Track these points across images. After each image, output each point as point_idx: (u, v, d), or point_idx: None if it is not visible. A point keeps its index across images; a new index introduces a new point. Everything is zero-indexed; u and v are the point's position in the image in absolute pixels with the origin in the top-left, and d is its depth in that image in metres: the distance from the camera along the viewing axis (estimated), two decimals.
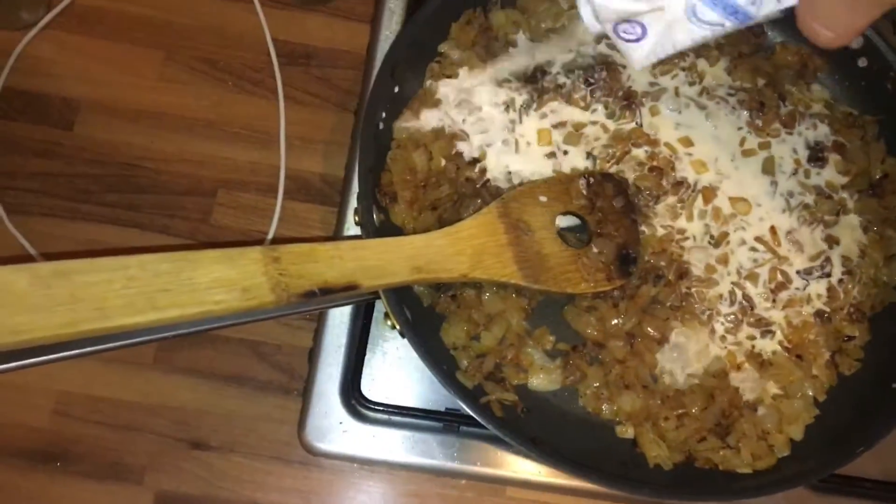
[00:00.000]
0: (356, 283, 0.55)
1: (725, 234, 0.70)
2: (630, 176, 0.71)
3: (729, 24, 0.49)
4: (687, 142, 0.72)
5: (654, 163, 0.71)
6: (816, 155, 0.73)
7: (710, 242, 0.70)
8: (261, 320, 0.58)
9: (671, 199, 0.71)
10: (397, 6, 0.82)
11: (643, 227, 0.70)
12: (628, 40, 0.53)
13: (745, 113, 0.74)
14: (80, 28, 0.83)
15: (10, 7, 0.80)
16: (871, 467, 0.74)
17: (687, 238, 0.70)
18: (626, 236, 0.68)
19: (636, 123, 0.72)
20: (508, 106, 0.71)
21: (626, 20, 0.52)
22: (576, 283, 0.65)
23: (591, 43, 0.74)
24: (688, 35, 0.51)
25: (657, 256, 0.69)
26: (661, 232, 0.70)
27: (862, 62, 0.74)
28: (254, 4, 0.84)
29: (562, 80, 0.72)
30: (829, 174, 0.73)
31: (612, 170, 0.71)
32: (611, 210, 0.68)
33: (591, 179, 0.68)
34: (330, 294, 0.54)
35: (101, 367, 0.73)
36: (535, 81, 0.72)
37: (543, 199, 0.67)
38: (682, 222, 0.71)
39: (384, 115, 0.69)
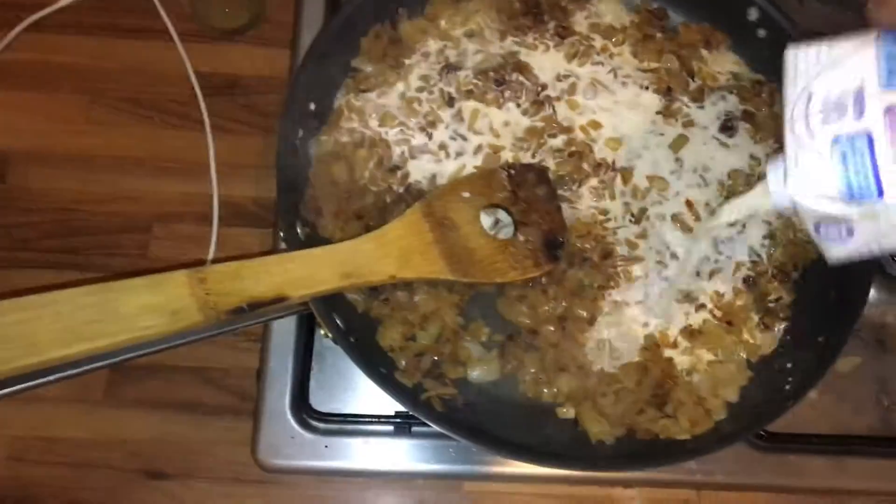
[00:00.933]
0: (285, 295, 0.57)
1: (644, 210, 0.72)
2: (550, 163, 0.73)
3: None
4: (599, 125, 0.74)
5: (573, 148, 0.73)
6: (726, 125, 0.75)
7: (630, 221, 0.72)
8: (202, 339, 0.59)
9: (594, 181, 0.73)
10: (313, 31, 0.84)
11: (569, 211, 0.71)
12: (829, 238, 0.50)
13: (655, 93, 0.76)
14: (5, 83, 0.84)
15: None
16: (821, 423, 0.76)
17: (609, 219, 0.72)
18: (551, 222, 0.70)
19: (551, 114, 0.74)
20: (426, 114, 0.73)
21: (832, 221, 0.49)
22: (504, 273, 0.67)
23: (498, 43, 0.77)
24: None
25: (583, 239, 0.71)
26: (585, 214, 0.72)
27: (761, 33, 0.76)
28: (174, 41, 0.86)
29: (473, 82, 0.75)
30: (743, 144, 0.76)
31: (533, 159, 0.73)
32: (534, 198, 0.70)
33: (512, 171, 0.70)
34: (259, 307, 0.56)
35: (51, 408, 0.74)
36: (448, 84, 0.74)
37: (466, 194, 0.69)
38: (605, 203, 0.73)
39: (301, 132, 0.70)
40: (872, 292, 0.78)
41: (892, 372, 0.78)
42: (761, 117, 0.76)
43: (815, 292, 0.71)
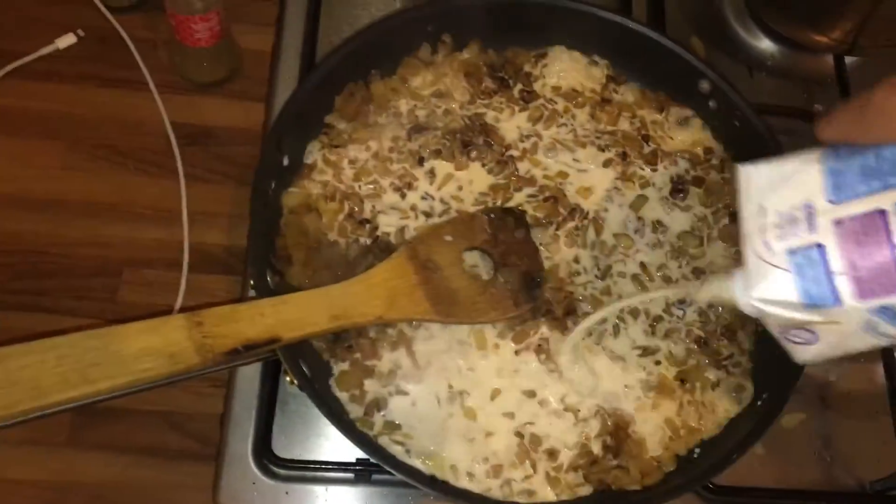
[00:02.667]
0: (278, 337, 0.61)
1: (609, 268, 0.76)
2: (528, 208, 0.76)
3: None
4: (566, 174, 0.79)
5: (547, 193, 0.77)
6: (677, 188, 0.79)
7: (596, 276, 0.75)
8: (193, 377, 0.61)
9: (570, 225, 0.76)
10: (289, 87, 0.87)
11: (545, 259, 0.75)
12: (795, 342, 0.53)
13: (613, 155, 0.80)
14: None
15: None
16: (767, 476, 0.79)
17: (580, 271, 0.75)
18: (529, 264, 0.73)
19: (513, 171, 0.78)
20: (401, 175, 0.76)
21: (796, 327, 0.52)
22: (486, 313, 0.70)
23: (466, 104, 0.81)
24: (863, 343, 0.51)
25: (553, 291, 0.74)
26: (558, 262, 0.75)
27: (712, 104, 0.81)
28: (152, 93, 0.89)
29: (441, 142, 0.78)
30: (694, 208, 0.80)
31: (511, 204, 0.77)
32: (513, 241, 0.74)
33: (492, 215, 0.74)
34: (254, 349, 0.60)
35: (11, 449, 0.74)
36: (416, 143, 0.78)
37: (449, 238, 0.72)
38: (577, 250, 0.76)
39: (274, 184, 0.73)
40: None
41: (834, 428, 0.81)
42: (711, 182, 0.80)
43: (759, 351, 0.74)
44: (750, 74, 0.98)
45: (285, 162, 0.75)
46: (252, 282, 0.68)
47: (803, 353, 0.54)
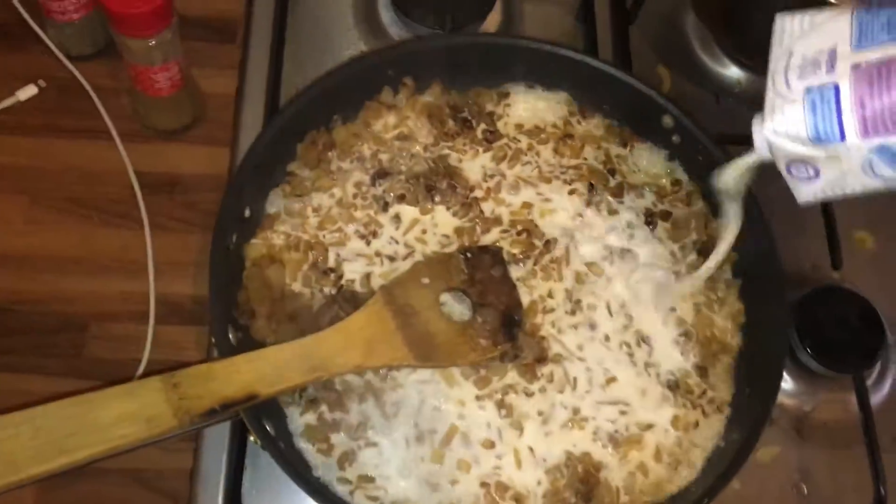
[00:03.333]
0: (255, 393, 0.60)
1: (579, 301, 0.75)
2: (504, 244, 0.76)
3: None
4: (530, 205, 0.78)
5: (519, 227, 0.77)
6: (647, 221, 0.79)
7: (566, 312, 0.75)
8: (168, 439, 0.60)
9: (546, 258, 0.76)
10: (253, 131, 0.87)
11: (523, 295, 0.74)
12: (798, 178, 0.57)
13: (579, 187, 0.79)
14: None
15: None
16: None
17: (553, 308, 0.74)
18: (507, 302, 0.73)
19: (478, 213, 0.77)
20: (366, 223, 0.76)
21: (801, 161, 0.55)
22: (465, 355, 0.70)
23: (429, 146, 0.80)
24: (861, 184, 0.54)
25: (524, 336, 0.73)
26: (536, 297, 0.74)
27: (675, 139, 0.81)
28: (115, 142, 0.88)
29: (405, 187, 0.77)
30: (664, 240, 0.79)
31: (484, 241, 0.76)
32: (490, 280, 0.73)
33: (469, 254, 0.74)
34: (231, 407, 0.59)
35: None
36: (380, 189, 0.77)
37: (425, 280, 0.72)
38: (552, 284, 0.75)
39: (235, 237, 0.72)
40: (790, 383, 0.82)
41: (810, 461, 0.81)
42: (679, 215, 0.80)
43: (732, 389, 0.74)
44: (717, 101, 0.98)
45: (247, 213, 0.74)
46: (213, 341, 0.68)
47: (804, 190, 0.57)
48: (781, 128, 0.54)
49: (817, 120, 0.52)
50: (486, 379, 0.71)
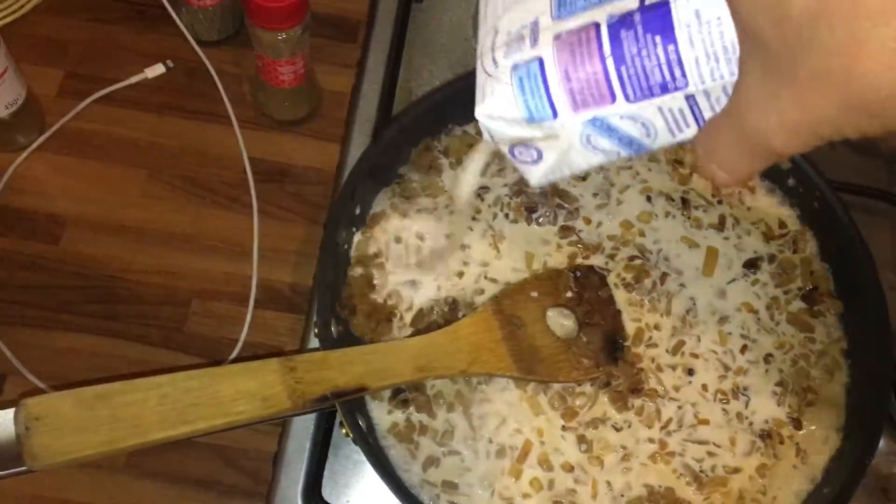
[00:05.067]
0: (365, 386, 0.62)
1: (682, 342, 0.74)
2: (618, 267, 0.76)
3: (624, 153, 0.51)
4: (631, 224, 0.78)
5: (633, 251, 0.76)
6: (752, 262, 0.78)
7: (667, 350, 0.74)
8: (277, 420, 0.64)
9: (657, 291, 0.75)
10: (365, 129, 0.89)
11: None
12: (524, 162, 0.54)
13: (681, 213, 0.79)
14: (70, 150, 0.89)
15: (6, 130, 0.87)
16: None
17: (657, 344, 0.73)
18: (612, 324, 0.73)
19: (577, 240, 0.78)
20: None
21: (522, 144, 0.53)
22: (567, 372, 0.70)
23: None
24: (584, 159, 0.52)
25: (624, 365, 0.72)
26: (642, 326, 0.74)
27: (791, 182, 0.80)
28: (233, 127, 0.91)
29: (506, 203, 0.78)
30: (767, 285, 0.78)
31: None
32: (597, 300, 0.74)
33: (578, 273, 0.74)
34: (342, 397, 0.61)
35: (74, 471, 0.76)
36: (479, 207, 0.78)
37: (534, 294, 0.72)
38: (658, 317, 0.74)
39: (344, 234, 0.74)
40: (882, 442, 0.80)
41: None
42: (783, 260, 0.79)
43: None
44: (832, 147, 0.96)
45: (357, 211, 0.76)
46: (316, 331, 0.69)
47: (533, 174, 0.54)
48: (495, 111, 0.50)
49: (527, 98, 0.49)
50: (573, 411, 0.71)
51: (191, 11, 0.92)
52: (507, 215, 0.78)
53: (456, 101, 0.80)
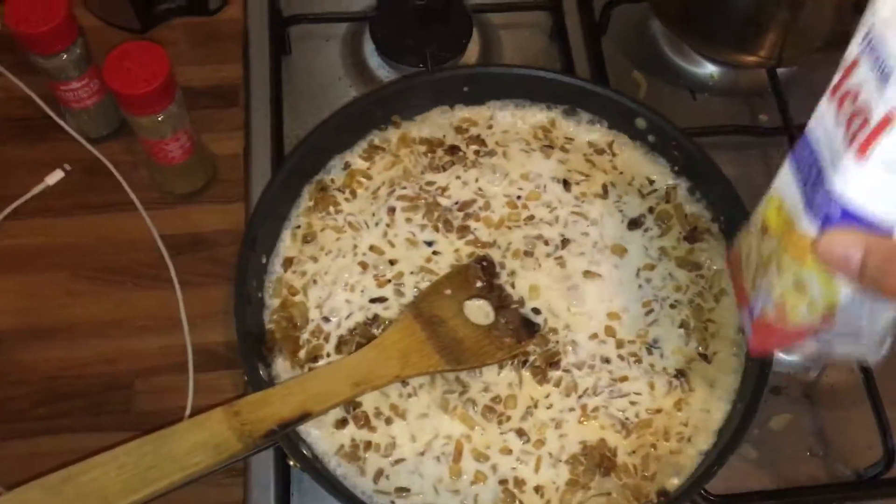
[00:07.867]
0: (308, 411, 0.68)
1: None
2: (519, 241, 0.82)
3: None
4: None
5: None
6: (634, 221, 0.84)
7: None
8: (235, 462, 0.68)
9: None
10: (263, 184, 0.92)
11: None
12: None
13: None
14: None
15: None
16: (764, 479, 0.82)
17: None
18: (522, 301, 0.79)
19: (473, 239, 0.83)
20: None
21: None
22: (493, 354, 0.76)
23: (422, 176, 0.86)
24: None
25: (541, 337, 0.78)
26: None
27: (651, 138, 0.86)
28: (139, 210, 0.96)
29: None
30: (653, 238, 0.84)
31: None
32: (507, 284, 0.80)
33: (484, 263, 0.81)
34: (288, 426, 0.67)
35: None
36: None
37: (448, 291, 0.79)
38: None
39: (255, 283, 0.79)
40: (792, 356, 0.86)
41: (822, 423, 0.85)
42: (661, 210, 0.85)
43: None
44: (693, 98, 1.04)
45: (263, 260, 0.81)
46: (246, 378, 0.74)
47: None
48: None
49: None
50: (506, 416, 0.75)
51: (74, 114, 0.97)
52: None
53: (333, 137, 0.86)
